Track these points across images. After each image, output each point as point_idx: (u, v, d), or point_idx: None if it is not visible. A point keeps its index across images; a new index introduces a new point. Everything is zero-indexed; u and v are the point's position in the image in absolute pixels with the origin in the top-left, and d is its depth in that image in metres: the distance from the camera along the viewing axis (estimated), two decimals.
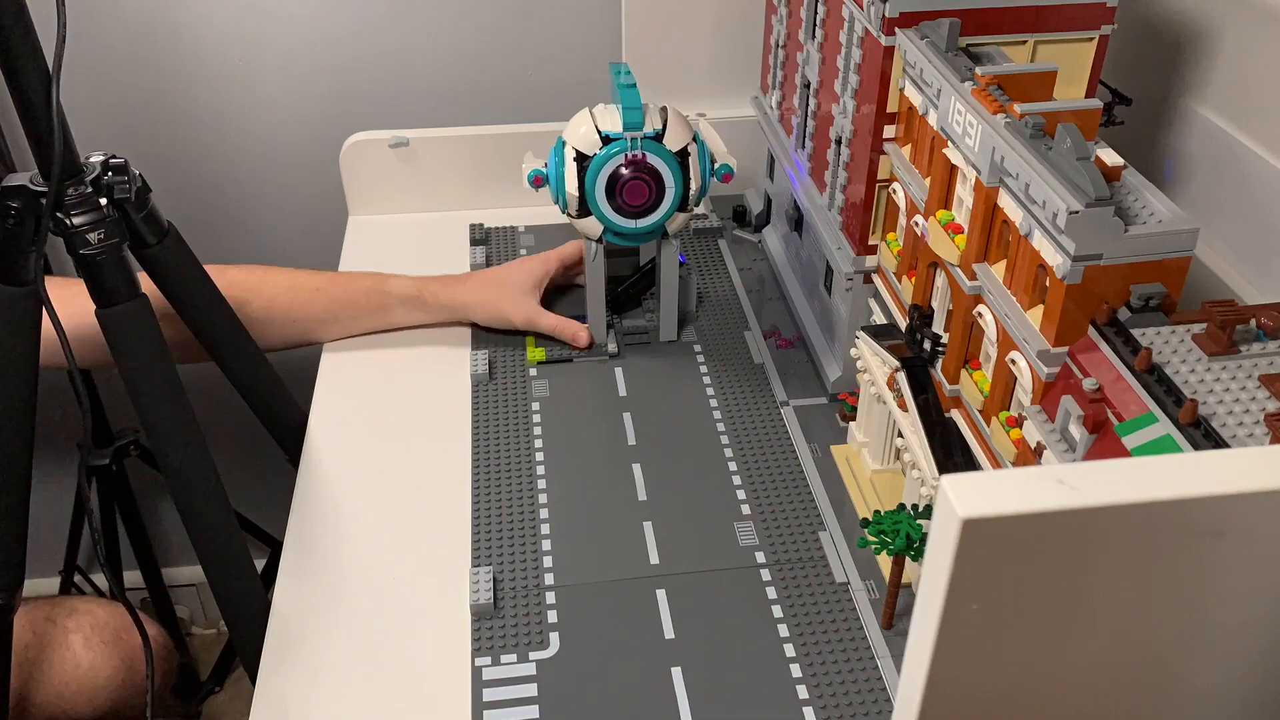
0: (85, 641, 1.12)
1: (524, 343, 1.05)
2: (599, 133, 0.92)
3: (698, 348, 1.05)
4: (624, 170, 0.92)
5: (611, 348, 1.03)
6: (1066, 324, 0.64)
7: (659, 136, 0.92)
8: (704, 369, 1.02)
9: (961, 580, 0.35)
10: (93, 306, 0.77)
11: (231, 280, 0.95)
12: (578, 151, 0.92)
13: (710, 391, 1.00)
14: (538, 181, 0.95)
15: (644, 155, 0.92)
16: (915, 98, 0.79)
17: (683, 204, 0.95)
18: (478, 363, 1.01)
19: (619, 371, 1.02)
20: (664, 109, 0.94)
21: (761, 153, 1.19)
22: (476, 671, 0.75)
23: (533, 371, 1.02)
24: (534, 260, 1.07)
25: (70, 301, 0.78)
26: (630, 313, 1.07)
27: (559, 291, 1.10)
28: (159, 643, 1.20)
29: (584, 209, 0.94)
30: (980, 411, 0.74)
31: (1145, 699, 0.44)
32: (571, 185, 0.93)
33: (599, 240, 0.97)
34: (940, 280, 0.79)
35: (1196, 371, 0.59)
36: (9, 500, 0.81)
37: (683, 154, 0.93)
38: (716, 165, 0.96)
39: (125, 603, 0.83)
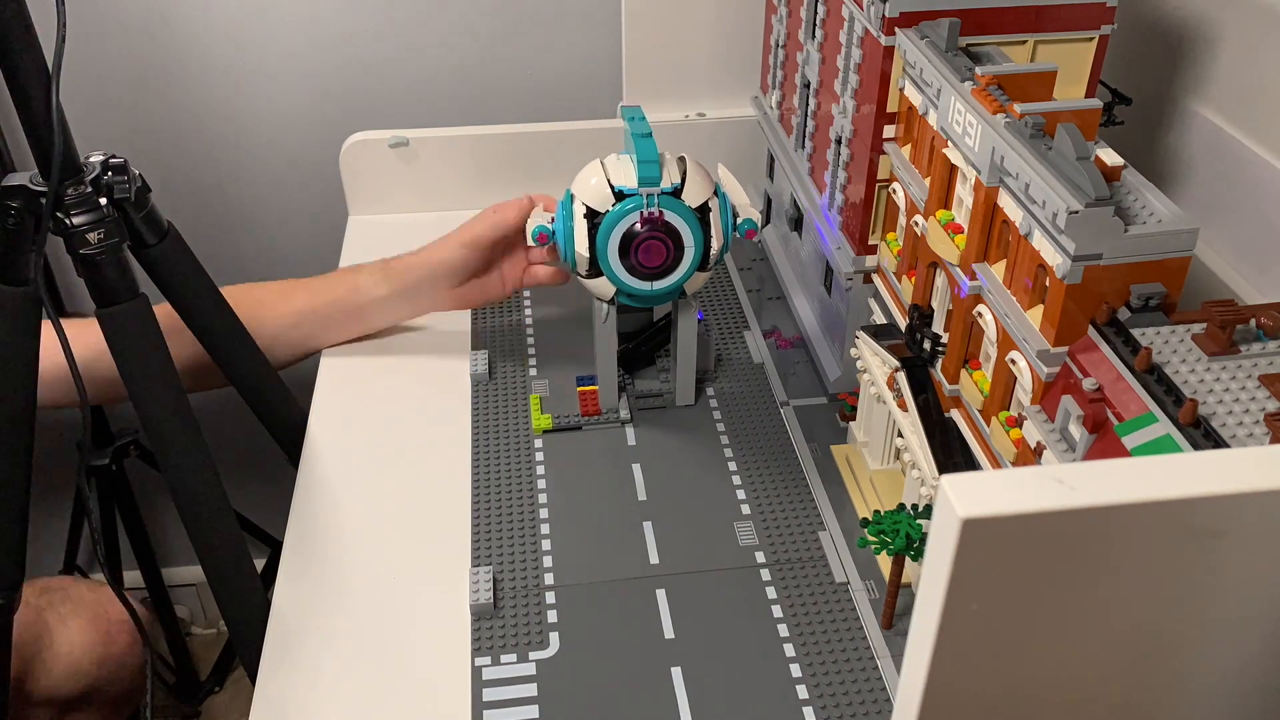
0: (60, 619, 1.12)
1: (523, 346, 1.05)
2: (611, 187, 0.84)
3: (717, 414, 0.97)
4: (639, 228, 0.84)
5: (624, 413, 0.96)
6: (1066, 324, 0.64)
7: (677, 191, 0.84)
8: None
9: (961, 580, 0.35)
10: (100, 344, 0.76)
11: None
12: (588, 207, 0.84)
13: (710, 391, 0.99)
14: (543, 239, 0.87)
15: (661, 213, 0.83)
16: (915, 98, 0.79)
17: (703, 263, 0.87)
18: (478, 363, 1.01)
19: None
20: (681, 159, 0.86)
21: (761, 153, 1.19)
22: (476, 671, 0.75)
23: (533, 372, 1.02)
24: (487, 211, 1.01)
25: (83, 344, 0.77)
26: (643, 372, 1.00)
27: (566, 340, 1.04)
28: (141, 615, 1.20)
29: (595, 269, 0.86)
30: (980, 411, 0.74)
31: (1145, 698, 0.44)
32: (581, 245, 0.85)
33: (610, 301, 0.89)
34: (940, 280, 0.79)
35: (1196, 371, 0.59)
36: (9, 500, 0.81)
37: (703, 209, 0.85)
38: (739, 220, 0.88)
39: (109, 579, 0.83)
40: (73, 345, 0.74)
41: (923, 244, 0.79)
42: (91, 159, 0.77)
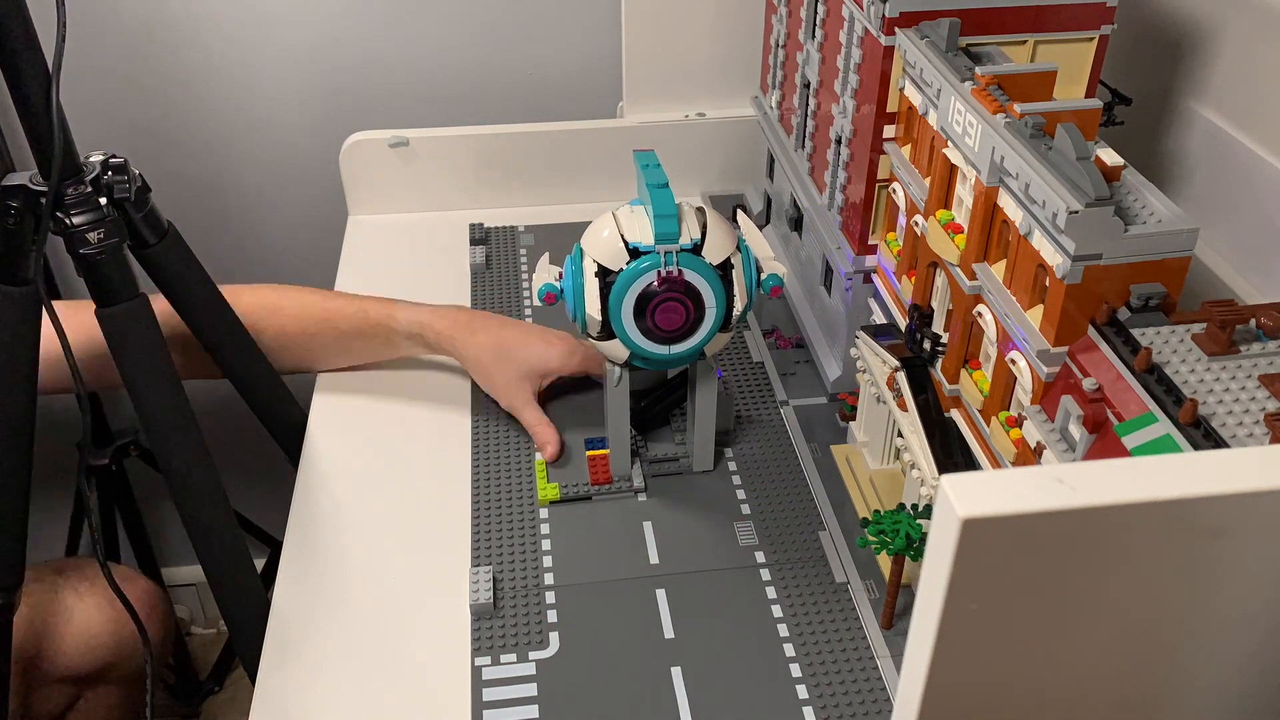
0: (77, 595, 1.12)
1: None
2: (625, 243, 0.76)
3: (737, 479, 0.90)
4: (656, 288, 0.76)
5: (637, 481, 0.89)
6: (1066, 324, 0.64)
7: (697, 248, 0.76)
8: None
9: (961, 580, 0.35)
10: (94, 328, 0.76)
11: (247, 305, 0.93)
12: (599, 265, 0.77)
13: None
14: (550, 299, 0.79)
15: (680, 271, 0.76)
16: (915, 98, 0.79)
17: (724, 324, 0.79)
18: None
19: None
20: (700, 210, 0.78)
21: (761, 153, 1.19)
22: (476, 671, 0.75)
23: None
24: (554, 349, 0.94)
25: (77, 326, 0.77)
26: (657, 433, 0.93)
27: (573, 396, 0.98)
28: (150, 593, 1.20)
29: (607, 331, 0.79)
30: (980, 411, 0.74)
31: (1144, 698, 0.44)
32: (593, 306, 0.77)
33: (624, 365, 0.82)
34: (940, 280, 0.79)
35: (1196, 371, 0.59)
36: (9, 500, 0.81)
37: (724, 266, 0.78)
38: (763, 275, 0.80)
39: (109, 579, 0.82)
40: (71, 331, 0.74)
41: (923, 244, 0.79)
42: (91, 159, 0.77)
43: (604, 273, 0.77)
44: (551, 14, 1.33)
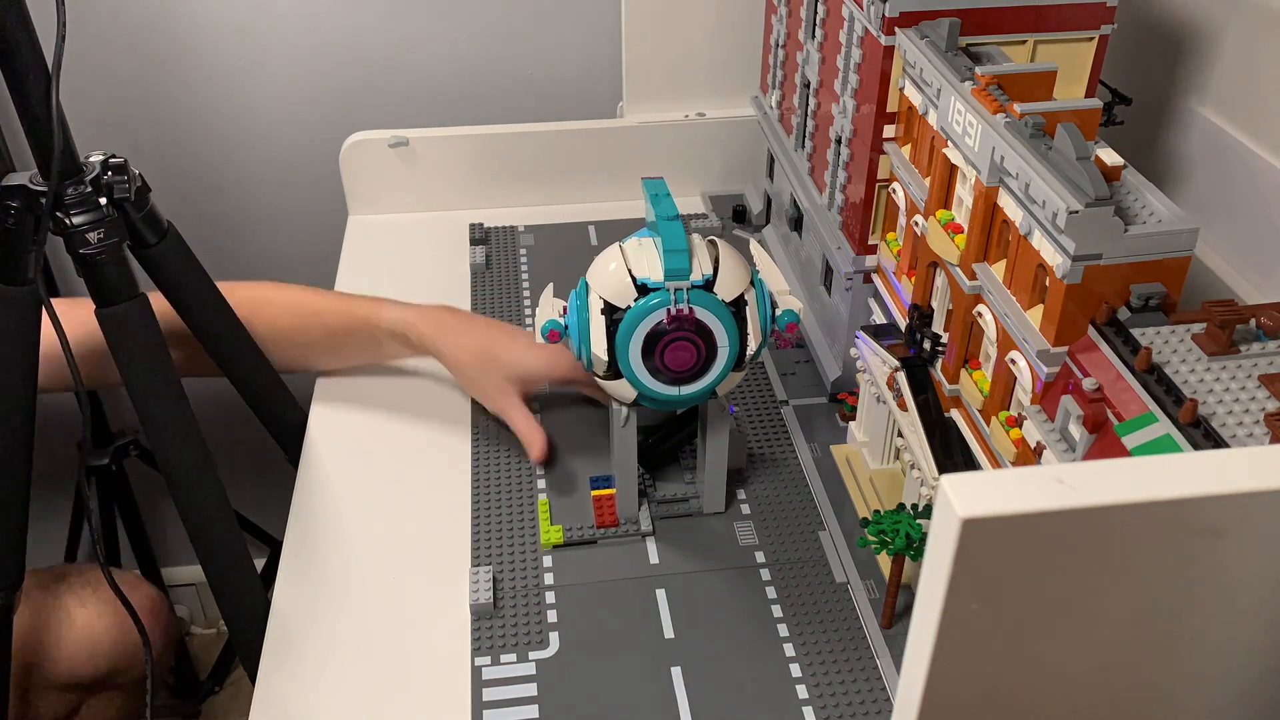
0: (79, 600, 1.12)
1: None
2: (633, 279, 0.72)
3: (750, 523, 0.86)
4: (665, 327, 0.72)
5: (645, 525, 0.85)
6: (1066, 324, 0.64)
7: (709, 284, 0.72)
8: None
9: (961, 580, 0.35)
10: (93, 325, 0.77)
11: (240, 299, 0.93)
12: (606, 302, 0.73)
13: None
14: (554, 337, 0.75)
15: (690, 310, 0.72)
16: (915, 97, 0.79)
17: (737, 363, 0.75)
18: None
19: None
20: (713, 243, 0.74)
21: (761, 153, 1.19)
22: (476, 671, 0.75)
23: None
24: (541, 357, 0.91)
25: (77, 324, 0.77)
26: (665, 470, 0.89)
27: (578, 428, 0.95)
28: (153, 599, 1.20)
29: (614, 371, 0.75)
30: (980, 411, 0.74)
31: (1144, 697, 0.44)
32: (599, 345, 0.73)
33: (632, 404, 0.78)
34: (940, 280, 0.79)
35: (1196, 371, 0.59)
36: (9, 500, 0.81)
37: (738, 303, 0.74)
38: (778, 311, 0.76)
39: (109, 580, 0.82)
40: (71, 329, 0.74)
41: (923, 244, 0.79)
42: (91, 158, 0.77)
43: (610, 309, 0.73)
44: (551, 14, 1.33)
